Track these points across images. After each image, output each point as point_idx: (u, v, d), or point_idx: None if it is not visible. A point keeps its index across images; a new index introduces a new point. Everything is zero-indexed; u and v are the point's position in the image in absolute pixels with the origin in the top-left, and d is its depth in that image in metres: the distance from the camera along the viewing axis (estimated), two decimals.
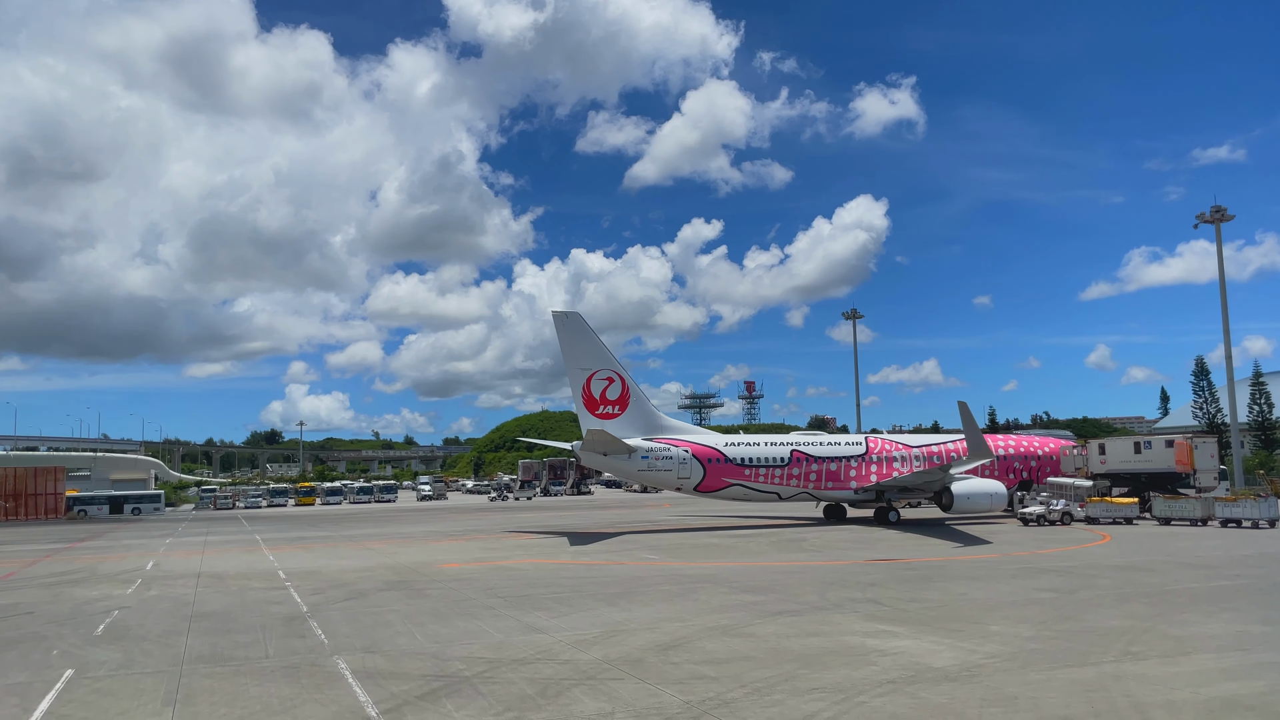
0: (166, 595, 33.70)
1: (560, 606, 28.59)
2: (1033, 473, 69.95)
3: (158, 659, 21.76)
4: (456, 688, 18.10)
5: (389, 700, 17.18)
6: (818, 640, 22.14)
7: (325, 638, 24.00)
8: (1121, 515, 59.74)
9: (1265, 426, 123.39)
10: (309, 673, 19.78)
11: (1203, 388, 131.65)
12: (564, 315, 62.76)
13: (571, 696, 17.22)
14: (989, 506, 62.43)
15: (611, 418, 61.47)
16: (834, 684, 17.71)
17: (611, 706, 16.43)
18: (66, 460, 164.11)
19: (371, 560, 45.04)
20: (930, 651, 20.58)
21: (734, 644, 21.93)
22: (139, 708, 17.14)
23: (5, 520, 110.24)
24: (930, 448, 67.93)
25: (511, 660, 20.54)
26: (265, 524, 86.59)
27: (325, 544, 57.37)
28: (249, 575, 39.87)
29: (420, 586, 34.34)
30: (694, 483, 62.37)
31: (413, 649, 22.21)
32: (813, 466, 64.08)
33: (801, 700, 16.58)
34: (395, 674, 19.43)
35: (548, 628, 24.73)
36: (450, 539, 58.45)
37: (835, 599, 28.93)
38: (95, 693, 18.41)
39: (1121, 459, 67.52)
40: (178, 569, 43.46)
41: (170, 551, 54.73)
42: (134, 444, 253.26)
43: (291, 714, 16.43)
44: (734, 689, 17.48)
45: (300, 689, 18.29)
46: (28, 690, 18.77)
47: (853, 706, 16.09)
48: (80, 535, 75.65)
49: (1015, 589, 30.52)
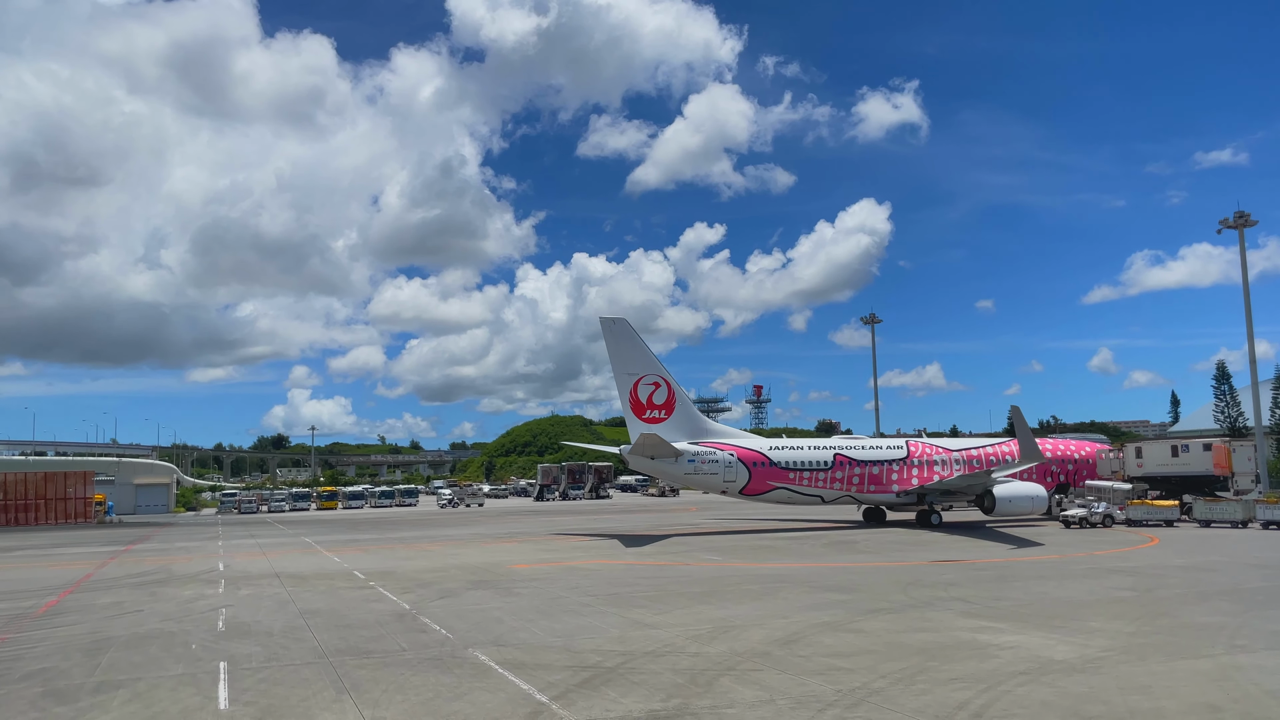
0: (262, 594, 34.68)
1: (655, 604, 29.51)
2: (1069, 476, 70.72)
3: (298, 652, 22.74)
4: (606, 677, 19.05)
5: (550, 689, 18.13)
6: (928, 636, 23.05)
7: (446, 633, 24.95)
8: (1162, 518, 60.56)
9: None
10: (455, 664, 20.75)
11: (1224, 391, 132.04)
12: (611, 321, 63.78)
13: (723, 686, 18.16)
14: (1030, 509, 63.27)
15: (658, 422, 62.42)
16: (969, 675, 18.64)
17: (768, 694, 17.38)
18: (91, 465, 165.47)
19: (438, 561, 45.97)
20: (1044, 646, 21.50)
21: (848, 639, 22.86)
22: (315, 695, 18.11)
23: (36, 524, 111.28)
24: (970, 451, 68.78)
25: (642, 653, 21.48)
26: (302, 527, 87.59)
27: (380, 546, 58.34)
28: (328, 575, 40.84)
29: (505, 585, 35.29)
30: (739, 486, 63.30)
31: (540, 643, 23.15)
32: (855, 470, 64.97)
33: (947, 689, 17.50)
34: (539, 665, 20.39)
35: (657, 624, 25.67)
36: (501, 541, 59.40)
37: (921, 597, 29.82)
38: (263, 682, 19.38)
39: (1159, 462, 68.32)
40: (252, 570, 44.45)
41: (230, 554, 55.73)
42: (146, 449, 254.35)
43: (467, 700, 17.40)
44: (875, 679, 18.42)
45: (457, 679, 19.25)
46: (195, 680, 19.76)
47: (1000, 695, 17.01)
48: (128, 539, 76.70)
49: (1092, 588, 31.39)
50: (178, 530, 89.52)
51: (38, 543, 73.59)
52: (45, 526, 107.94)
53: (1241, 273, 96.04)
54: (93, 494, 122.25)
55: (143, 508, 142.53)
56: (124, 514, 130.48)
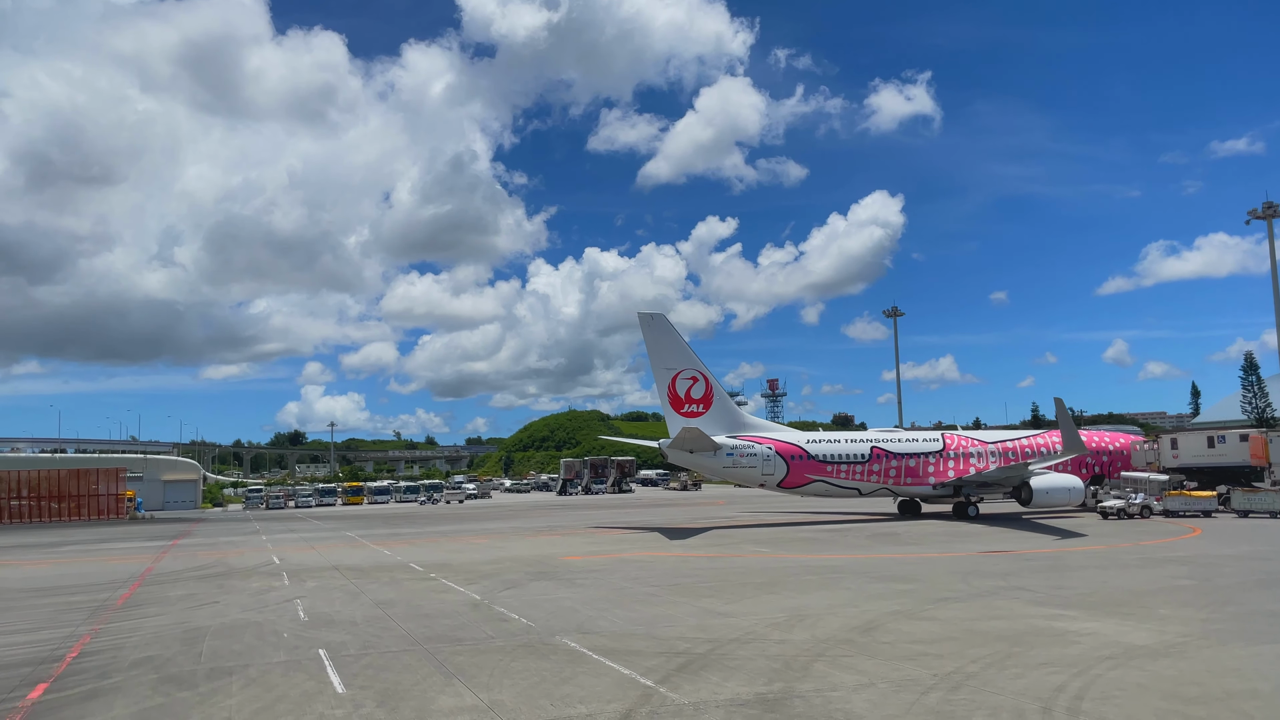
0: (329, 586, 35.42)
1: (721, 594, 30.07)
2: (1104, 467, 70.93)
3: (389, 640, 23.39)
4: (702, 662, 19.61)
5: (651, 673, 18.69)
6: (1004, 623, 23.52)
7: (527, 621, 25.57)
8: (1199, 508, 60.71)
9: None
10: (548, 650, 21.35)
11: (1251, 382, 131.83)
12: (649, 316, 64.39)
13: (818, 671, 18.70)
14: (1066, 501, 63.54)
15: (696, 416, 62.98)
16: (1057, 660, 19.11)
17: (866, 678, 17.91)
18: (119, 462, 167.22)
19: (489, 554, 46.67)
20: (1121, 632, 21.95)
21: (925, 627, 23.35)
22: (425, 679, 18.73)
23: (68, 520, 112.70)
24: (1005, 443, 69.06)
25: (728, 640, 22.04)
26: (338, 522, 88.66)
27: (424, 540, 59.11)
28: (385, 568, 41.58)
29: (565, 577, 35.93)
30: (777, 479, 63.80)
31: (622, 630, 23.74)
32: (892, 463, 65.38)
33: (1040, 673, 17.99)
34: (630, 651, 20.97)
35: (732, 612, 26.23)
36: (542, 534, 60.12)
37: (982, 587, 30.27)
38: (368, 668, 20.04)
39: (1194, 453, 68.44)
40: (308, 563, 45.26)
41: (279, 548, 56.62)
42: (167, 446, 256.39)
43: (574, 683, 17.99)
44: (966, 664, 18.91)
45: (555, 664, 19.84)
46: (301, 666, 20.43)
47: (1093, 679, 17.48)
48: (170, 534, 77.90)
49: (1150, 577, 31.77)
50: (214, 525, 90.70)
51: (81, 538, 74.83)
52: (78, 522, 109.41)
53: (1271, 264, 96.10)
54: (124, 490, 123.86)
55: (171, 504, 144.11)
56: (153, 510, 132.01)
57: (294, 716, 16.20)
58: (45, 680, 19.83)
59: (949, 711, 15.42)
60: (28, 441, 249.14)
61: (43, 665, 21.53)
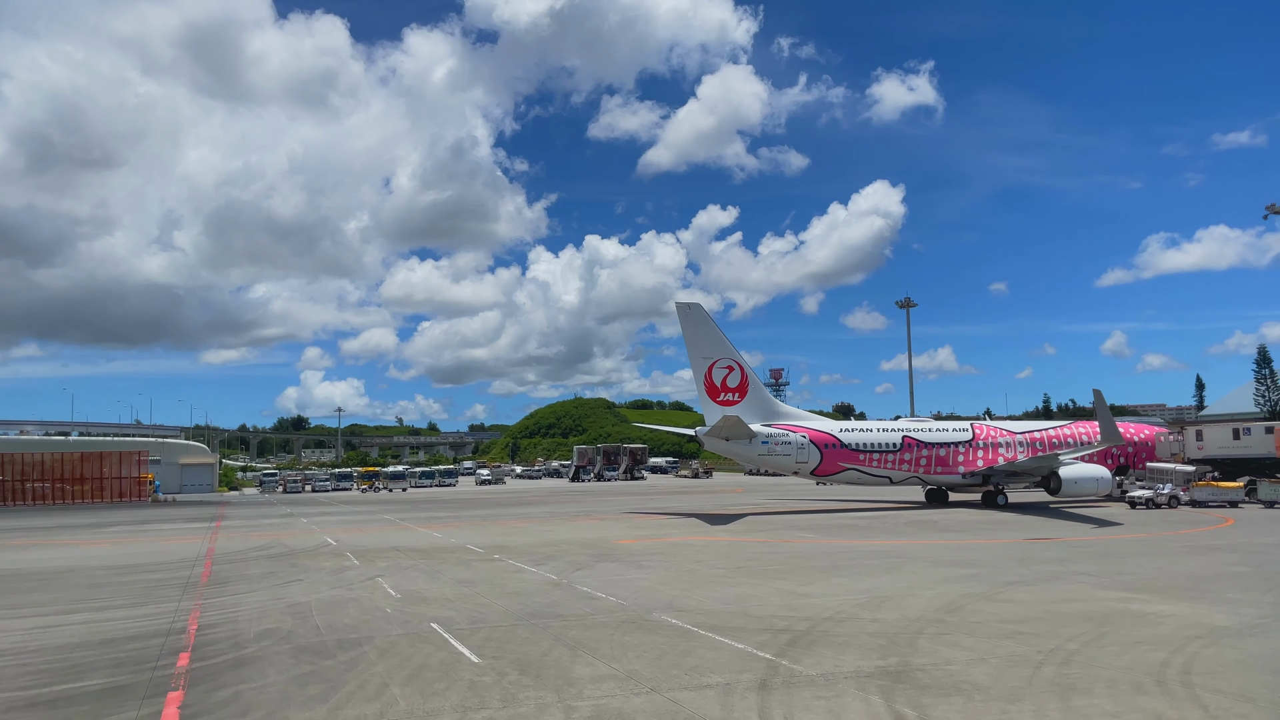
0: (399, 566, 36.44)
1: (791, 576, 31.07)
2: (1129, 458, 71.96)
3: (493, 616, 24.33)
4: (809, 639, 20.61)
5: (764, 648, 19.67)
6: (1081, 605, 24.51)
7: (616, 599, 26.56)
8: (1226, 499, 61.74)
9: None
10: (653, 626, 22.33)
11: (1265, 375, 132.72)
12: (686, 306, 65.37)
13: (924, 647, 19.68)
14: (1094, 491, 64.56)
15: (732, 404, 63.94)
16: (1150, 638, 20.09)
17: (974, 654, 18.90)
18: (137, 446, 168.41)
19: (539, 538, 47.66)
20: (1199, 614, 22.94)
21: (1006, 608, 24.34)
22: (550, 650, 19.63)
23: (90, 502, 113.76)
24: (1034, 434, 70.09)
25: (823, 619, 23.04)
26: (365, 506, 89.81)
27: (465, 524, 60.10)
28: (445, 549, 42.60)
29: (628, 559, 36.95)
30: (811, 467, 64.85)
31: (714, 609, 24.74)
32: (923, 452, 66.41)
33: (1139, 651, 18.97)
34: (732, 628, 21.95)
35: (810, 593, 27.23)
36: (579, 519, 61.18)
37: (1043, 572, 31.23)
38: (489, 640, 20.99)
39: (1219, 445, 69.50)
40: (365, 544, 46.29)
41: (325, 529, 57.71)
42: (174, 430, 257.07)
43: (696, 655, 18.93)
44: (1063, 642, 19.88)
45: (668, 638, 20.78)
46: (425, 638, 21.42)
47: (1191, 655, 18.46)
48: (204, 516, 79.12)
49: (1204, 564, 32.77)
50: (244, 509, 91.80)
51: (120, 520, 76.06)
52: (101, 505, 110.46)
53: None
54: (145, 474, 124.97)
55: (188, 487, 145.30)
56: (170, 493, 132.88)
57: (446, 681, 17.20)
58: (183, 650, 20.83)
59: (1069, 684, 16.40)
60: (35, 424, 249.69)
61: (170, 637, 22.54)
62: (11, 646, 21.99)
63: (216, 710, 15.77)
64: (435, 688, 16.87)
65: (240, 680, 17.87)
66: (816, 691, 16.12)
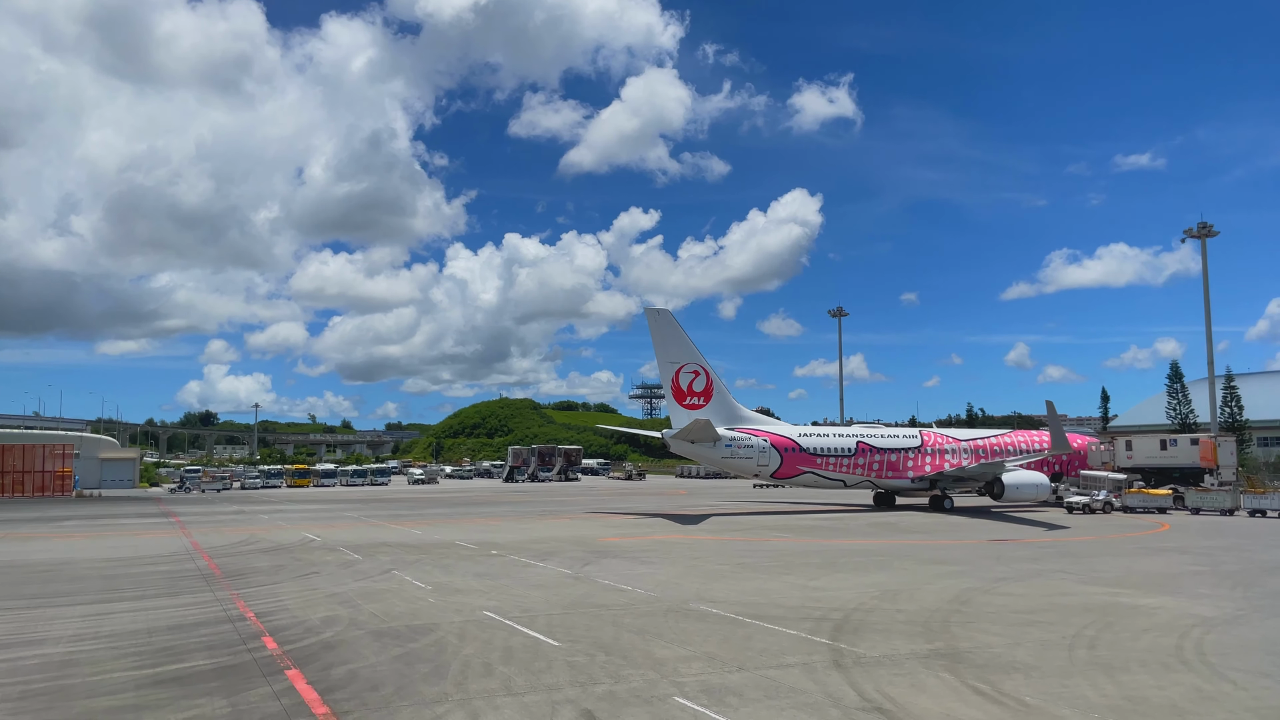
0: (404, 560, 37.21)
1: (796, 572, 32.96)
2: (1064, 466, 76.02)
3: (538, 605, 25.61)
4: (853, 626, 22.43)
5: (816, 633, 21.42)
6: (1076, 598, 26.88)
7: (644, 591, 28.04)
8: (1155, 505, 66.01)
9: (1235, 427, 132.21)
10: (698, 615, 23.89)
11: (1176, 389, 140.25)
12: (656, 311, 67.13)
13: (959, 633, 21.67)
14: (1034, 496, 68.24)
15: (697, 408, 65.87)
16: (1155, 626, 22.43)
17: (1008, 639, 20.95)
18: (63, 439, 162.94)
19: (523, 535, 48.72)
20: (1186, 606, 25.46)
21: (1010, 600, 26.59)
22: (621, 635, 21.07)
23: (10, 496, 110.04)
24: (977, 441, 73.72)
25: (851, 609, 24.89)
26: (313, 505, 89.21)
27: (431, 521, 60.68)
28: (436, 545, 43.39)
29: (627, 555, 38.40)
30: (771, 470, 67.20)
31: (744, 600, 26.39)
32: (875, 457, 69.30)
33: (1151, 636, 21.25)
34: (775, 617, 23.63)
35: (827, 587, 29.12)
36: (550, 518, 62.41)
37: (1023, 570, 33.70)
38: (558, 627, 22.28)
39: (1148, 454, 74.13)
40: (351, 539, 46.73)
41: (296, 525, 57.74)
42: (78, 423, 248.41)
43: (756, 640, 20.57)
44: (1081, 629, 22.08)
45: (718, 626, 22.37)
46: (487, 625, 22.60)
47: (1199, 639, 20.80)
48: (151, 513, 77.85)
49: (1165, 563, 35.71)
50: (185, 505, 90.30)
51: (64, 514, 74.34)
52: (21, 500, 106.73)
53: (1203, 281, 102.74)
54: (68, 468, 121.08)
55: (108, 483, 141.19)
56: (90, 489, 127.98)
57: (544, 661, 18.47)
58: (262, 635, 21.64)
59: (1104, 662, 18.52)
60: None
61: (236, 624, 23.25)
62: (84, 632, 22.49)
63: (346, 685, 16.81)
64: (535, 666, 18.16)
65: (341, 660, 18.85)
66: (890, 669, 17.91)
